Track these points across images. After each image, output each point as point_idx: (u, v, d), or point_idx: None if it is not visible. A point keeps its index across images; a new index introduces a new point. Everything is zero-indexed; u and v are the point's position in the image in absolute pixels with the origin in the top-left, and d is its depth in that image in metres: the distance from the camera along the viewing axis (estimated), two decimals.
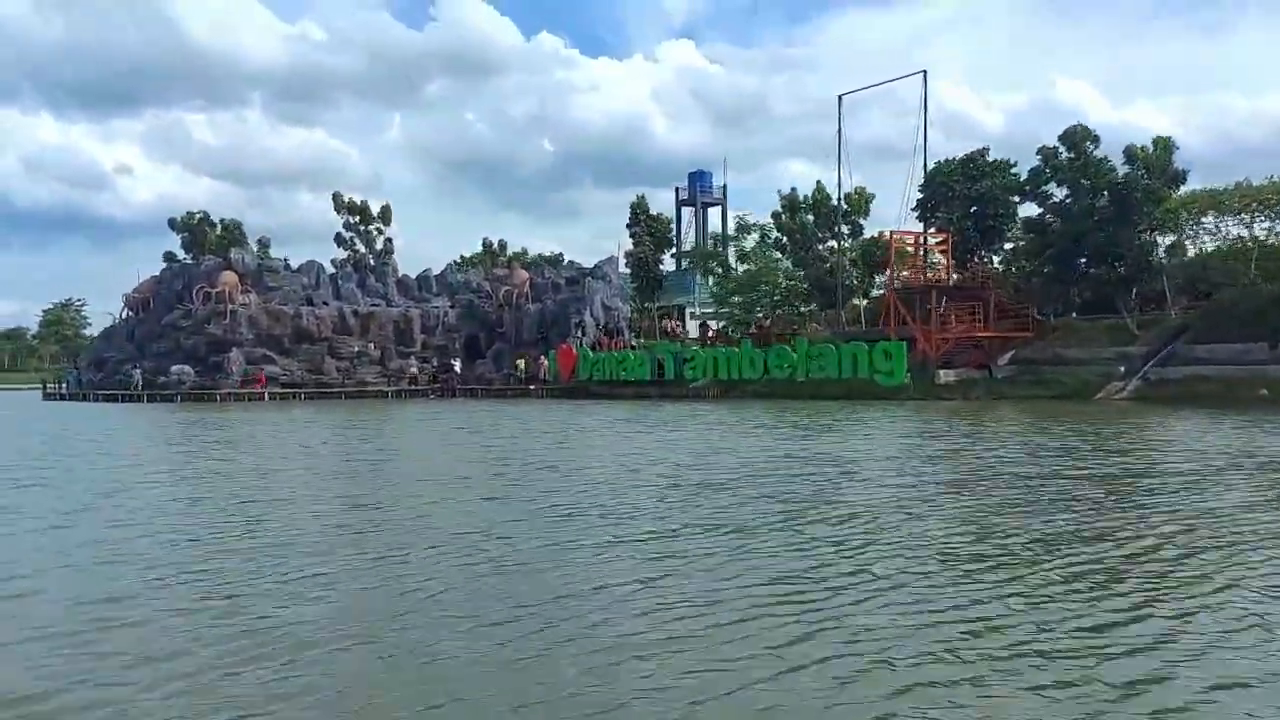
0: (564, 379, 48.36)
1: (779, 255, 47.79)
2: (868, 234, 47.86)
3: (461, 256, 69.21)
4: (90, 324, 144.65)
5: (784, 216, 48.02)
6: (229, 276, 53.77)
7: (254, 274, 55.03)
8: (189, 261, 60.38)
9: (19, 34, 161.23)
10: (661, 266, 61.68)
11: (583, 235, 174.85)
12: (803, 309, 46.27)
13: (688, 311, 66.58)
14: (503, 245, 70.48)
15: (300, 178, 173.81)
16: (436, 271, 61.54)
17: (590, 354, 46.55)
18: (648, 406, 33.22)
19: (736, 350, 38.80)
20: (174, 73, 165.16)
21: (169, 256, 62.81)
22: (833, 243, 47.22)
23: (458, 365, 55.35)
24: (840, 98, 46.13)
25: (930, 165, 42.65)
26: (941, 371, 35.60)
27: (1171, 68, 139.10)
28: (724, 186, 74.19)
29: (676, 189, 74.12)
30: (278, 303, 54.30)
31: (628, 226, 57.41)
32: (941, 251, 39.94)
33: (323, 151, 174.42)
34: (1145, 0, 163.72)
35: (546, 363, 50.75)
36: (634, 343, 52.93)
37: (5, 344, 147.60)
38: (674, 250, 62.69)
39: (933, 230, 41.50)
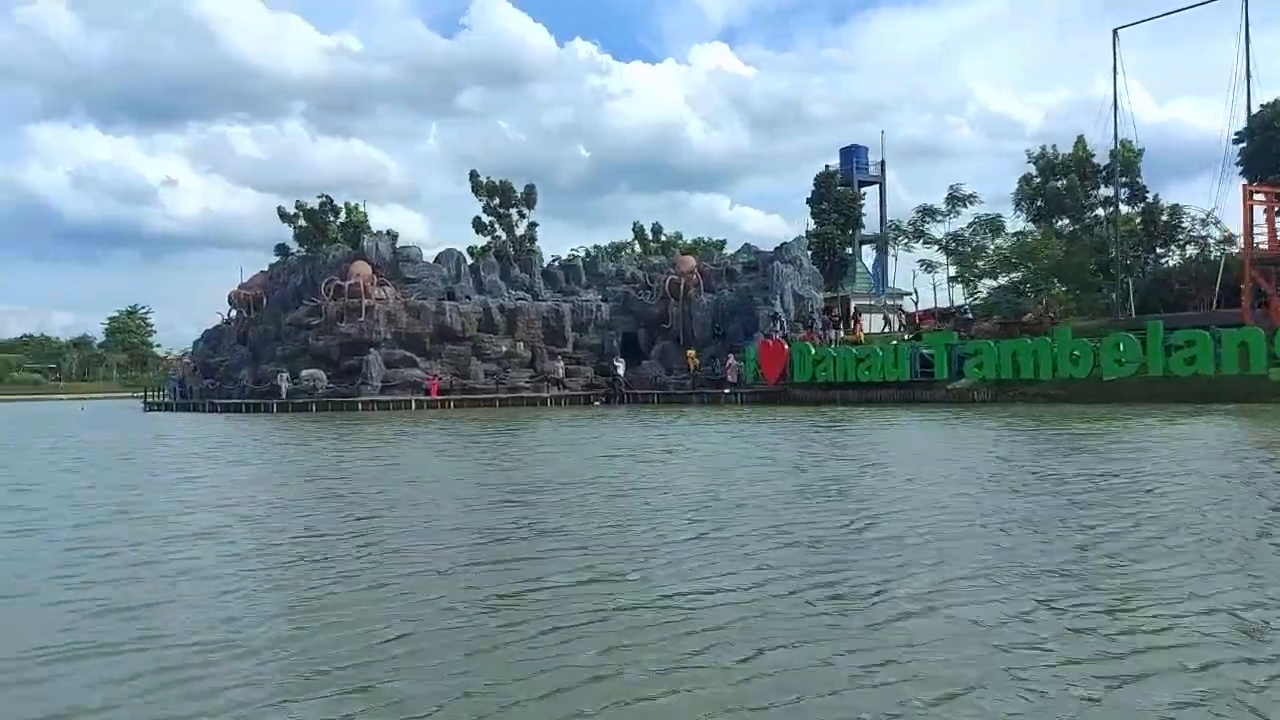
0: (769, 380, 40.37)
1: (1033, 228, 39.34)
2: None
3: (596, 246, 61.44)
4: (155, 331, 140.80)
5: (1035, 180, 39.65)
6: (362, 268, 46.57)
7: (389, 265, 47.84)
8: (305, 254, 53.23)
9: (69, 51, 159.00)
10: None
11: (625, 240, 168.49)
12: (1076, 291, 37.62)
13: (853, 303, 58.32)
14: (656, 230, 62.33)
15: (341, 187, 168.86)
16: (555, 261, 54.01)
17: (811, 349, 38.43)
18: (956, 415, 25.17)
19: (1049, 339, 30.43)
20: (216, 86, 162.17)
21: (281, 249, 55.73)
22: (1099, 210, 38.80)
23: (621, 367, 47.60)
24: (1115, 32, 37.83)
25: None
26: None
27: (1216, 65, 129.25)
28: (881, 163, 65.85)
29: (826, 166, 65.88)
30: (417, 298, 47.07)
31: (809, 203, 49.35)
32: None
33: (363, 162, 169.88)
34: None
35: (736, 362, 42.87)
36: (819, 335, 44.75)
37: (73, 353, 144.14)
38: (862, 231, 54.27)
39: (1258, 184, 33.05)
